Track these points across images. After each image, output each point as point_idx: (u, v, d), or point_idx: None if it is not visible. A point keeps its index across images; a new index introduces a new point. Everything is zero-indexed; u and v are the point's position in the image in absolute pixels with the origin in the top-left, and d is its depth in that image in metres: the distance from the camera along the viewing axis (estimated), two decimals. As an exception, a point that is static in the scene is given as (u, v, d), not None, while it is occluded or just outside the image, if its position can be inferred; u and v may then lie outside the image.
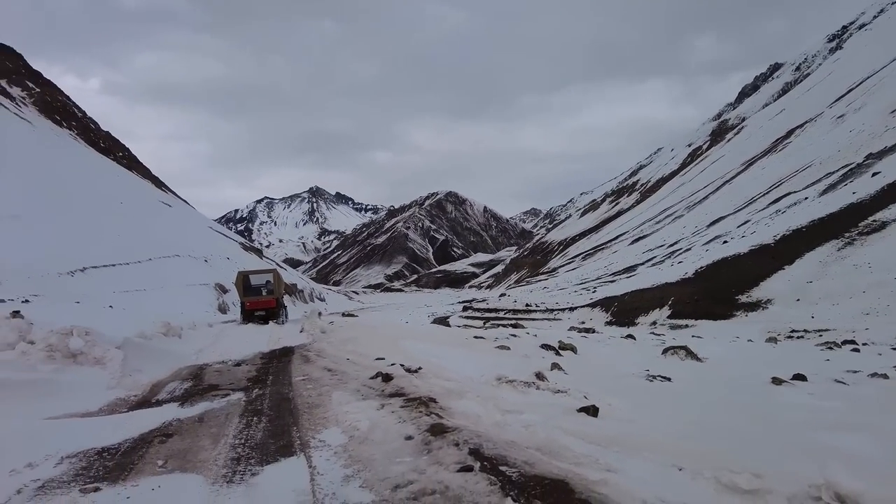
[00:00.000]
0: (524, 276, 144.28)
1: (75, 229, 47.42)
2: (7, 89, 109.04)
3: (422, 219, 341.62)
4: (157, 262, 50.90)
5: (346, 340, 9.52)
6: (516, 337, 15.35)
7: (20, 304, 14.27)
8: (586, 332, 22.18)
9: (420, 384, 5.76)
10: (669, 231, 74.25)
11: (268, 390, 6.24)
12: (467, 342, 13.23)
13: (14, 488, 3.31)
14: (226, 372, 7.64)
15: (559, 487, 3.06)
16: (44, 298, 27.81)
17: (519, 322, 34.29)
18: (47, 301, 26.20)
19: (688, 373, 11.05)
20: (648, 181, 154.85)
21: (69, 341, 6.42)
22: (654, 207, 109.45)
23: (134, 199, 76.91)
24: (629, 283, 44.23)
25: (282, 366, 8.04)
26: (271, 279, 19.06)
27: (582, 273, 78.97)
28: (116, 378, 6.28)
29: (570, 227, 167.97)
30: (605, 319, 36.69)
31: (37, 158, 65.52)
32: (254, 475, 3.56)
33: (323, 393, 5.85)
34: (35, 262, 35.10)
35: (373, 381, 6.22)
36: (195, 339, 10.46)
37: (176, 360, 8.14)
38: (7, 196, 45.02)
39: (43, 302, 24.80)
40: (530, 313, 49.69)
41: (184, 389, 6.37)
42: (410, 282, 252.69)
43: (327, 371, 7.26)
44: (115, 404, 5.63)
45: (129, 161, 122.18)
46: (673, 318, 30.52)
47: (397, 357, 7.96)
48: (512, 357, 11.57)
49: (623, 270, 58.32)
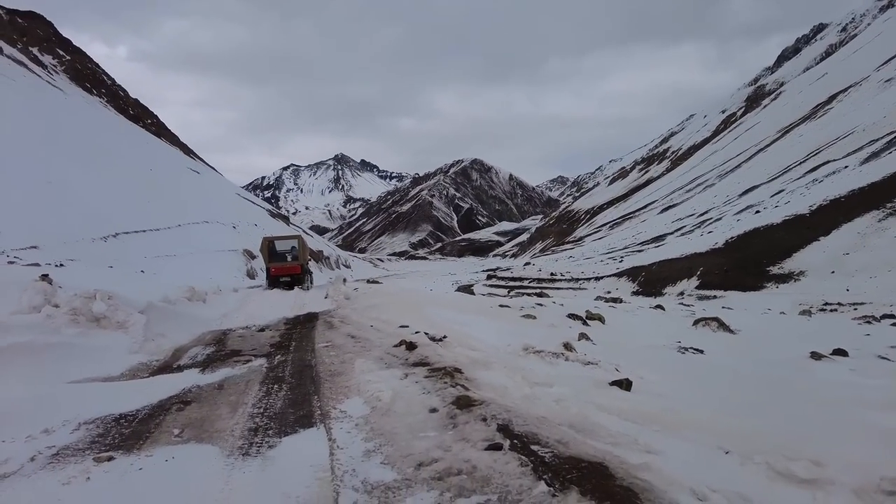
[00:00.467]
0: (549, 245, 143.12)
1: (107, 195, 48.45)
2: (39, 57, 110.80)
3: (446, 186, 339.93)
4: (187, 227, 51.87)
5: (370, 307, 9.38)
6: (542, 306, 15.08)
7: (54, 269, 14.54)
8: (614, 302, 21.79)
9: (445, 353, 5.54)
10: (700, 200, 72.41)
11: (290, 357, 6.12)
12: (492, 311, 13.02)
13: (28, 455, 3.21)
14: (249, 337, 7.57)
15: (597, 472, 2.80)
16: (79, 263, 28.61)
17: (544, 291, 34.06)
18: (82, 265, 26.94)
19: (720, 345, 10.68)
20: (679, 148, 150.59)
21: (92, 305, 6.38)
22: (684, 176, 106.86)
23: (163, 165, 78.07)
24: (657, 253, 43.51)
25: (305, 332, 7.94)
26: (296, 245, 19.03)
27: (609, 242, 77.87)
28: (139, 342, 6.23)
29: (598, 196, 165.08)
30: (632, 289, 36.38)
31: (69, 126, 66.77)
32: (271, 447, 3.40)
33: (345, 360, 5.69)
34: (70, 227, 36.04)
35: (396, 349, 6.03)
36: (220, 304, 10.47)
37: (200, 325, 8.12)
38: (42, 163, 46.12)
39: (78, 266, 25.48)
40: (555, 282, 49.40)
41: (206, 355, 6.30)
42: (435, 250, 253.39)
43: (350, 338, 7.11)
44: (136, 369, 5.57)
45: (158, 128, 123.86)
46: (701, 288, 29.97)
47: (421, 325, 7.78)
48: (538, 326, 11.33)
49: (651, 240, 57.39)
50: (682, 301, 29.68)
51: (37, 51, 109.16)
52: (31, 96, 70.83)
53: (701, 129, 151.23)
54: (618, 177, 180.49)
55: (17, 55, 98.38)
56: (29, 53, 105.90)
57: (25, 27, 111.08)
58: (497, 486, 2.74)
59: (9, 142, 44.85)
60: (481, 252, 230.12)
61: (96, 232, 38.81)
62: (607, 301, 22.89)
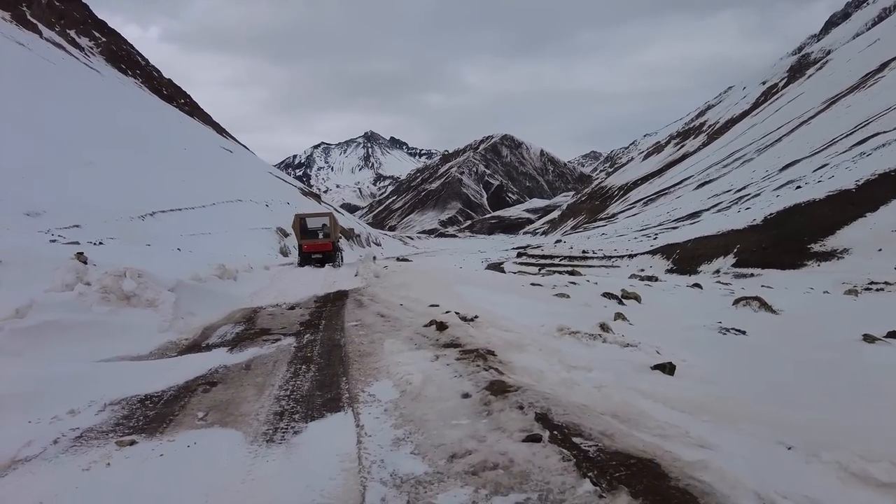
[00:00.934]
0: (581, 222, 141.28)
1: (144, 175, 49.67)
2: (77, 40, 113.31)
3: (476, 163, 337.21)
4: (221, 206, 52.89)
5: (399, 285, 9.22)
6: (575, 285, 14.72)
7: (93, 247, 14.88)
8: (649, 281, 21.21)
9: (476, 334, 5.32)
10: (737, 175, 70.39)
11: (319, 336, 5.99)
12: (524, 289, 12.74)
13: (52, 438, 3.13)
14: (279, 315, 7.50)
15: (649, 470, 2.53)
16: (118, 241, 29.46)
17: (575, 269, 33.54)
18: (120, 243, 27.71)
19: (763, 326, 10.19)
20: (717, 122, 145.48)
21: (122, 283, 6.36)
22: (721, 150, 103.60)
23: (197, 145, 79.59)
24: (692, 230, 42.55)
25: (335, 310, 7.83)
26: (327, 222, 19.02)
27: (642, 219, 76.44)
28: (168, 321, 6.20)
29: (632, 171, 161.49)
30: (666, 267, 35.81)
31: (107, 107, 68.41)
32: (296, 433, 3.24)
33: (375, 340, 5.52)
34: (109, 206, 37.13)
35: (426, 328, 5.83)
36: (251, 282, 10.47)
37: (230, 303, 8.09)
38: (83, 144, 47.46)
39: (116, 244, 26.21)
40: (587, 260, 48.82)
41: (235, 333, 6.23)
42: (464, 227, 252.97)
43: (380, 317, 6.95)
44: (165, 348, 5.52)
45: (191, 107, 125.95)
46: (738, 266, 29.16)
47: (452, 304, 7.57)
48: (572, 306, 11.01)
49: (686, 216, 56.12)
50: (718, 279, 29.07)
51: (74, 33, 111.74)
52: (70, 78, 72.73)
53: (739, 102, 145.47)
54: (652, 152, 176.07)
55: (55, 38, 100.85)
56: (66, 36, 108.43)
57: (63, 10, 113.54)
58: (537, 484, 2.51)
59: (51, 124, 46.31)
60: (511, 229, 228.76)
61: (134, 211, 39.95)
62: (642, 279, 22.30)
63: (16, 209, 28.48)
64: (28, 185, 32.10)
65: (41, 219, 28.93)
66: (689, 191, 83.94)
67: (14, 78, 52.10)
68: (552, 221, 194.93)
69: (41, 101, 50.74)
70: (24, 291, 5.77)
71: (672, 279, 27.11)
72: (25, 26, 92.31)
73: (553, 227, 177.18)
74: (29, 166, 34.77)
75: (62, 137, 45.48)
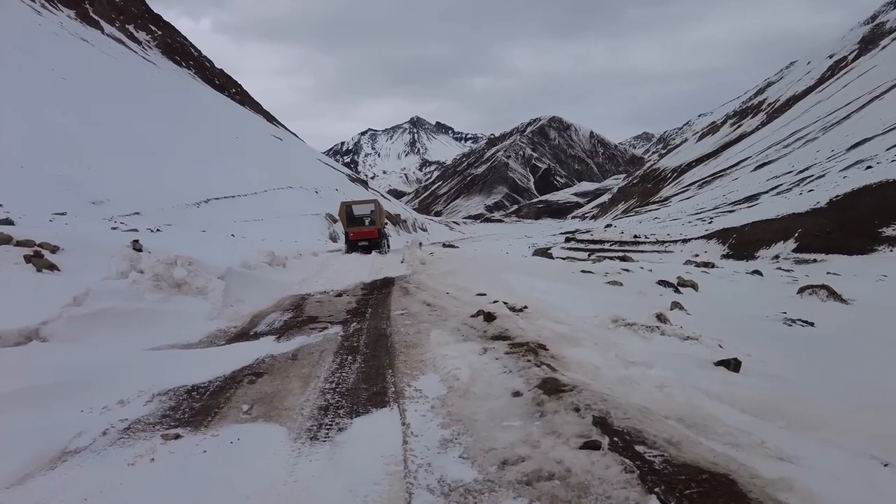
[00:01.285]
0: (633, 205, 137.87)
1: (199, 163, 51.54)
2: (135, 34, 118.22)
3: (523, 147, 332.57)
4: (272, 193, 54.34)
5: (446, 273, 9.07)
6: (628, 272, 14.19)
7: (151, 234, 15.46)
8: (705, 267, 20.29)
9: (526, 326, 5.08)
10: (799, 156, 66.94)
11: (365, 324, 5.91)
12: (574, 277, 12.36)
13: (101, 429, 3.14)
14: (326, 303, 7.49)
15: (723, 487, 2.26)
16: (175, 227, 30.64)
17: (627, 255, 32.56)
18: (178, 229, 28.79)
19: (833, 317, 9.51)
20: (777, 100, 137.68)
21: (173, 271, 6.47)
22: (782, 129, 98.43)
23: (248, 133, 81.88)
24: (750, 214, 40.79)
25: (381, 298, 7.76)
26: (374, 209, 19.10)
27: (697, 202, 73.91)
28: (218, 308, 6.27)
29: (686, 153, 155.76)
30: (722, 252, 34.30)
31: (163, 98, 71.20)
32: (341, 430, 3.13)
33: (421, 331, 5.39)
34: (166, 194, 38.70)
35: (474, 319, 5.64)
36: (299, 269, 10.58)
37: (279, 290, 8.15)
38: (142, 134, 49.61)
39: (174, 231, 27.23)
40: (639, 245, 47.54)
41: (283, 321, 6.23)
42: (511, 212, 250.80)
43: (426, 305, 6.82)
44: (214, 336, 5.57)
45: (242, 97, 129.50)
46: (799, 251, 27.71)
47: (500, 293, 7.35)
48: (625, 294, 10.59)
49: (743, 200, 54.00)
50: (778, 265, 27.71)
51: (132, 28, 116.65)
52: (129, 71, 75.98)
53: (803, 78, 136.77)
54: (707, 132, 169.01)
55: (115, 33, 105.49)
56: (126, 31, 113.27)
57: (122, 5, 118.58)
58: (596, 498, 2.28)
59: (112, 117, 48.60)
60: (559, 214, 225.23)
61: (190, 198, 41.50)
62: (697, 265, 21.36)
63: (83, 198, 30.07)
64: (93, 175, 33.78)
65: (105, 206, 30.40)
66: (746, 172, 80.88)
67: (77, 73, 54.79)
68: (602, 205, 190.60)
69: (102, 94, 53.22)
70: (83, 279, 5.95)
71: (729, 265, 25.96)
72: (88, 23, 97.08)
73: (603, 212, 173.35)
74: (93, 156, 36.57)
75: (123, 128, 47.67)
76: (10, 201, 20.62)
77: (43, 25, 70.38)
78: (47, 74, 49.44)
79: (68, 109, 42.91)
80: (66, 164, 32.29)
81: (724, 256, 33.05)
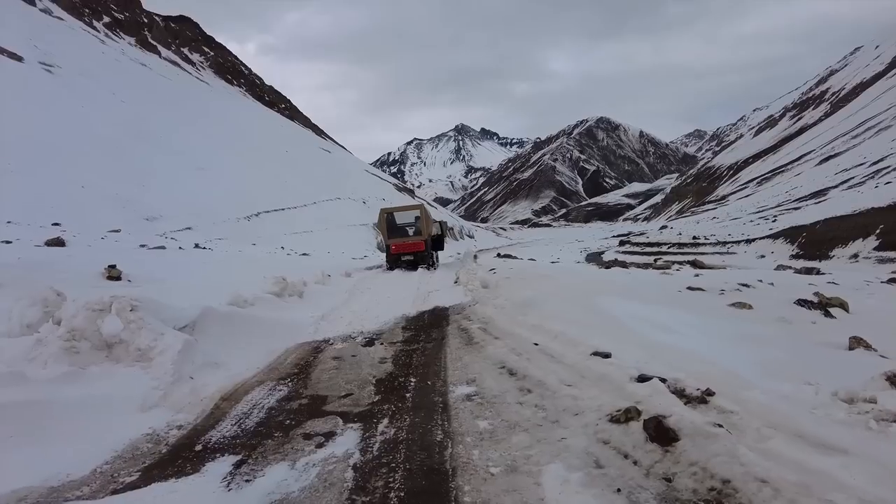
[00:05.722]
0: (687, 205, 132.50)
1: (249, 177, 51.31)
2: (189, 56, 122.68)
3: (570, 149, 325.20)
4: (321, 204, 53.50)
5: (523, 304, 6.28)
6: (748, 287, 10.95)
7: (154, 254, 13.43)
8: (811, 273, 16.76)
9: (757, 465, 2.28)
10: (871, 146, 62.29)
11: (405, 423, 3.25)
12: (684, 298, 9.33)
13: None
14: (347, 361, 4.88)
15: None
16: (226, 241, 29.47)
17: (698, 259, 29.42)
18: (230, 243, 27.52)
19: None
20: (842, 88, 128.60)
21: (102, 323, 4.03)
22: (849, 119, 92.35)
23: (297, 146, 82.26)
24: (819, 210, 38.04)
25: (431, 351, 5.09)
26: (419, 215, 16.36)
27: (757, 200, 69.91)
28: (164, 385, 3.75)
29: (742, 149, 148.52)
30: (791, 252, 32.40)
31: (215, 116, 72.23)
32: None
33: (516, 456, 2.66)
34: (219, 208, 38.17)
35: (619, 427, 2.83)
36: (322, 298, 7.92)
37: (283, 337, 5.59)
38: (195, 151, 49.80)
39: (226, 245, 25.90)
40: (698, 247, 44.82)
41: (265, 412, 3.63)
42: (559, 216, 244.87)
43: (510, 376, 4.06)
44: (127, 456, 2.96)
45: (291, 112, 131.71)
46: (881, 249, 25.82)
47: (614, 339, 4.56)
48: (766, 324, 7.51)
49: (809, 195, 51.08)
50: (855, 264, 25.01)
51: (187, 50, 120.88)
52: (183, 92, 77.88)
53: (871, 63, 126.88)
54: (765, 126, 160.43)
55: (171, 56, 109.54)
56: (181, 53, 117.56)
57: (177, 30, 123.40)
58: None
59: (167, 135, 49.06)
60: (609, 217, 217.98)
61: (241, 212, 40.99)
62: (797, 271, 17.83)
63: (138, 214, 29.64)
64: (148, 192, 33.66)
65: (158, 222, 29.83)
66: (810, 167, 76.94)
67: (135, 95, 55.98)
68: (654, 206, 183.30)
69: (158, 114, 54.18)
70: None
71: (836, 270, 22.36)
72: (147, 48, 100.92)
73: (656, 213, 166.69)
74: (149, 174, 36.72)
75: (177, 146, 48.03)
76: (69, 220, 20.80)
77: (106, 53, 73.06)
78: (108, 97, 50.82)
79: (126, 129, 43.76)
80: (123, 182, 32.93)
81: (793, 257, 31.28)
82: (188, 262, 10.37)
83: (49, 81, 46.06)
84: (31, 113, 35.30)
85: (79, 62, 56.60)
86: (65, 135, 34.76)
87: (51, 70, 49.83)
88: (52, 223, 19.58)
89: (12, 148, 28.21)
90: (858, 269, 23.47)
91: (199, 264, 9.87)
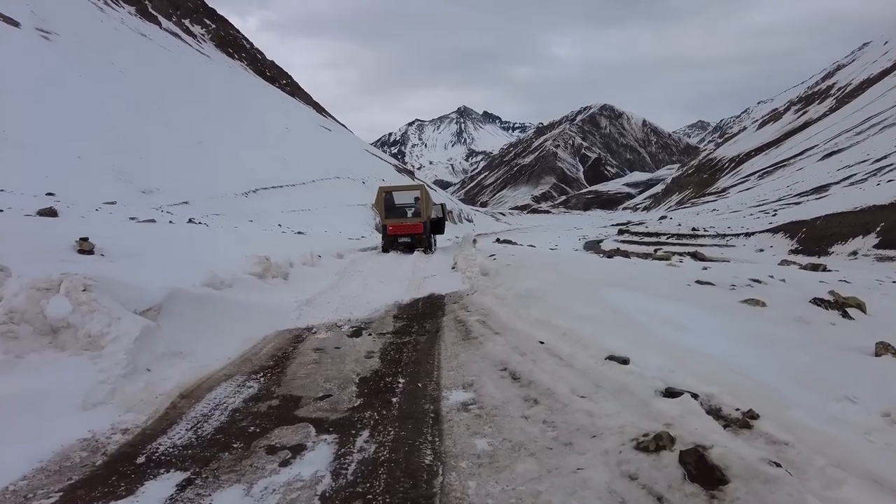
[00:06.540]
0: (688, 196, 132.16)
1: (248, 153, 50.57)
2: (190, 28, 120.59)
3: (572, 136, 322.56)
4: (319, 183, 52.87)
5: (525, 295, 5.77)
6: (760, 283, 10.45)
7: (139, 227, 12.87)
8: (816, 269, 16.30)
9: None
10: (875, 143, 62.10)
11: (388, 440, 2.75)
12: (693, 292, 8.83)
13: None
14: (329, 354, 4.39)
15: None
16: (223, 217, 28.97)
17: (699, 251, 29.29)
18: (227, 219, 27.01)
19: None
20: (848, 84, 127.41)
21: (48, 304, 3.51)
22: (854, 115, 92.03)
23: (297, 124, 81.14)
24: (819, 206, 37.94)
25: (424, 346, 4.60)
26: (419, 196, 15.76)
27: (758, 194, 69.91)
28: (113, 380, 3.24)
29: (745, 142, 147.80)
30: (790, 247, 32.21)
31: (215, 89, 71.04)
32: None
33: (522, 497, 2.15)
34: (215, 183, 37.57)
35: (650, 460, 2.33)
36: (309, 280, 7.36)
37: (261, 323, 5.08)
38: (193, 124, 48.96)
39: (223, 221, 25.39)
40: (697, 238, 44.40)
41: (226, 415, 3.14)
42: (558, 203, 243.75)
43: (513, 381, 3.56)
44: (47, 474, 2.48)
45: (292, 88, 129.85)
46: (881, 247, 25.75)
47: (621, 334, 4.08)
48: (783, 324, 7.04)
49: (811, 191, 50.96)
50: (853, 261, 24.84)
51: (188, 22, 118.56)
52: (183, 64, 76.46)
53: (879, 59, 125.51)
54: (768, 120, 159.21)
55: (172, 28, 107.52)
56: (182, 25, 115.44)
57: (178, 1, 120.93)
58: None
59: (165, 107, 48.20)
60: (609, 205, 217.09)
61: (239, 188, 40.44)
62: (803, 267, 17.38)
63: (134, 187, 29.10)
64: (145, 164, 33.05)
65: (155, 196, 29.31)
66: (812, 162, 76.69)
67: (134, 66, 54.88)
68: (655, 196, 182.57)
69: (157, 86, 53.21)
70: None
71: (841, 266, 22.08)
72: (147, 18, 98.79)
73: (656, 203, 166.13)
74: (146, 146, 36.08)
75: (175, 119, 47.18)
76: (64, 191, 20.23)
77: (105, 21, 71.39)
78: (107, 67, 49.81)
79: (125, 101, 43.06)
80: (120, 154, 32.50)
81: (792, 252, 31.00)
82: (173, 238, 9.82)
83: (46, 48, 44.95)
84: (27, 80, 34.43)
85: (77, 30, 55.38)
86: (61, 104, 33.98)
87: (48, 37, 48.65)
88: (47, 193, 19.16)
89: (7, 116, 27.50)
90: (857, 267, 23.27)
91: (185, 240, 9.32)
